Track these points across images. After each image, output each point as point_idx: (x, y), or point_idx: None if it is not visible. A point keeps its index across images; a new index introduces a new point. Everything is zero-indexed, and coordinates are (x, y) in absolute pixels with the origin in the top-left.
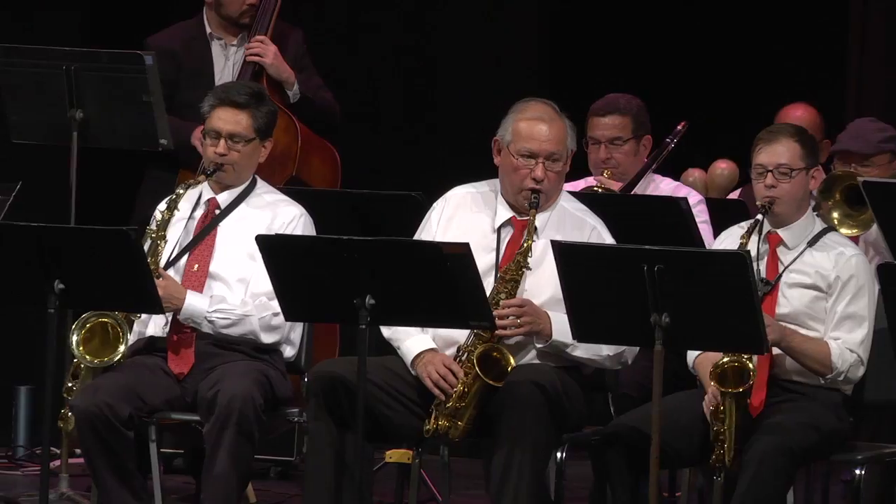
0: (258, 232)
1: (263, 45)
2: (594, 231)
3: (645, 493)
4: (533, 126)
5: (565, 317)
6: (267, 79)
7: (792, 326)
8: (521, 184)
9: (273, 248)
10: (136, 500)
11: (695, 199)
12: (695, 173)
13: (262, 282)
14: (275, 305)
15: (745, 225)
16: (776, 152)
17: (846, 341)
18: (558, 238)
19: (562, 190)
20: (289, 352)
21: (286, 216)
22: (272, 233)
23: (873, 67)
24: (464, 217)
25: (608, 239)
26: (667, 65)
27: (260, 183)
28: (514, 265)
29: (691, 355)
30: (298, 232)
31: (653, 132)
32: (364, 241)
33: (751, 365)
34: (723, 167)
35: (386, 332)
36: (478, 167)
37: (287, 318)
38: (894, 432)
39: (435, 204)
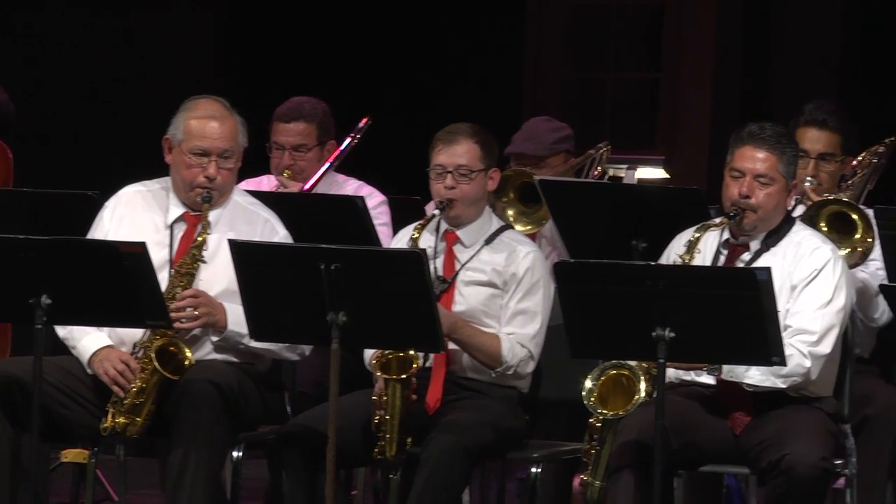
0: None
1: None
2: (267, 223)
3: (321, 492)
4: (204, 124)
5: (240, 308)
6: None
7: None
8: (193, 181)
9: None
10: None
11: (376, 199)
12: None
13: None
14: None
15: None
16: (456, 153)
17: (518, 336)
18: (231, 233)
19: (234, 185)
20: None
21: None
22: None
23: (551, 65)
24: (136, 215)
25: (281, 230)
26: (347, 62)
27: None
28: (189, 259)
29: (368, 353)
30: None
31: (336, 131)
32: (39, 240)
33: (413, 352)
34: None
35: (61, 331)
36: (154, 166)
37: None
38: (570, 430)
39: (107, 203)
